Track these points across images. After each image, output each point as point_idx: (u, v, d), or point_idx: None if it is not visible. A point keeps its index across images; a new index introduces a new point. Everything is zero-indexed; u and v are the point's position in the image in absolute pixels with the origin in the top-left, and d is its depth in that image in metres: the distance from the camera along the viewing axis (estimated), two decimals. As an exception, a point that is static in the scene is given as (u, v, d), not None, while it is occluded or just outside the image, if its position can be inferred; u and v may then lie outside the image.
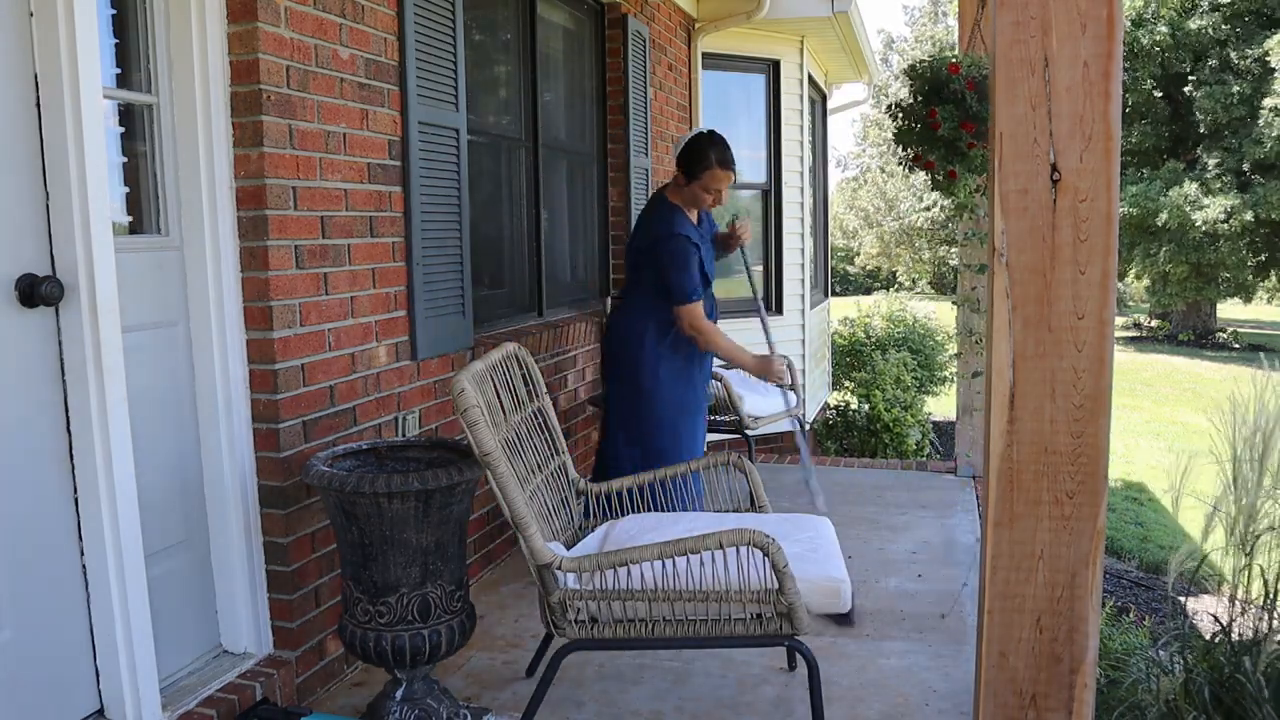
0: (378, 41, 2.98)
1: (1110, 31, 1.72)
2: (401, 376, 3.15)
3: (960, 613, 3.31)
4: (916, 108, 3.32)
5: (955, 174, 3.29)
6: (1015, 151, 1.77)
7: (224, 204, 2.52)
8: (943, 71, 3.25)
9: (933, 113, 3.21)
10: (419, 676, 2.45)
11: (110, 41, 2.38)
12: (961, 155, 3.27)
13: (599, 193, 5.26)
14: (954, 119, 3.19)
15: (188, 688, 2.46)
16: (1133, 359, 16.82)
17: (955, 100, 3.21)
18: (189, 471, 2.55)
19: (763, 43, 6.90)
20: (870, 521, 4.40)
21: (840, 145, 60.49)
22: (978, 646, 1.94)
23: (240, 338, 2.57)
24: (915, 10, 31.55)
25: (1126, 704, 2.43)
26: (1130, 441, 10.30)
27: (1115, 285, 1.78)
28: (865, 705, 2.69)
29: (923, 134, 3.30)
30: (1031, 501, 1.83)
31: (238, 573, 2.60)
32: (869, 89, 10.20)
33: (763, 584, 2.27)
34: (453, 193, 3.40)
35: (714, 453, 3.03)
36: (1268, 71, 16.25)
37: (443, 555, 2.38)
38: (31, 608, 2.08)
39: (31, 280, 2.05)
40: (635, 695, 2.75)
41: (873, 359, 8.28)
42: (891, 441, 7.76)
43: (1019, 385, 1.81)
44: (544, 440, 2.83)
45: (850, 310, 10.41)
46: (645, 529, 2.61)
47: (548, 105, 4.69)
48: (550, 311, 4.60)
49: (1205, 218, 16.64)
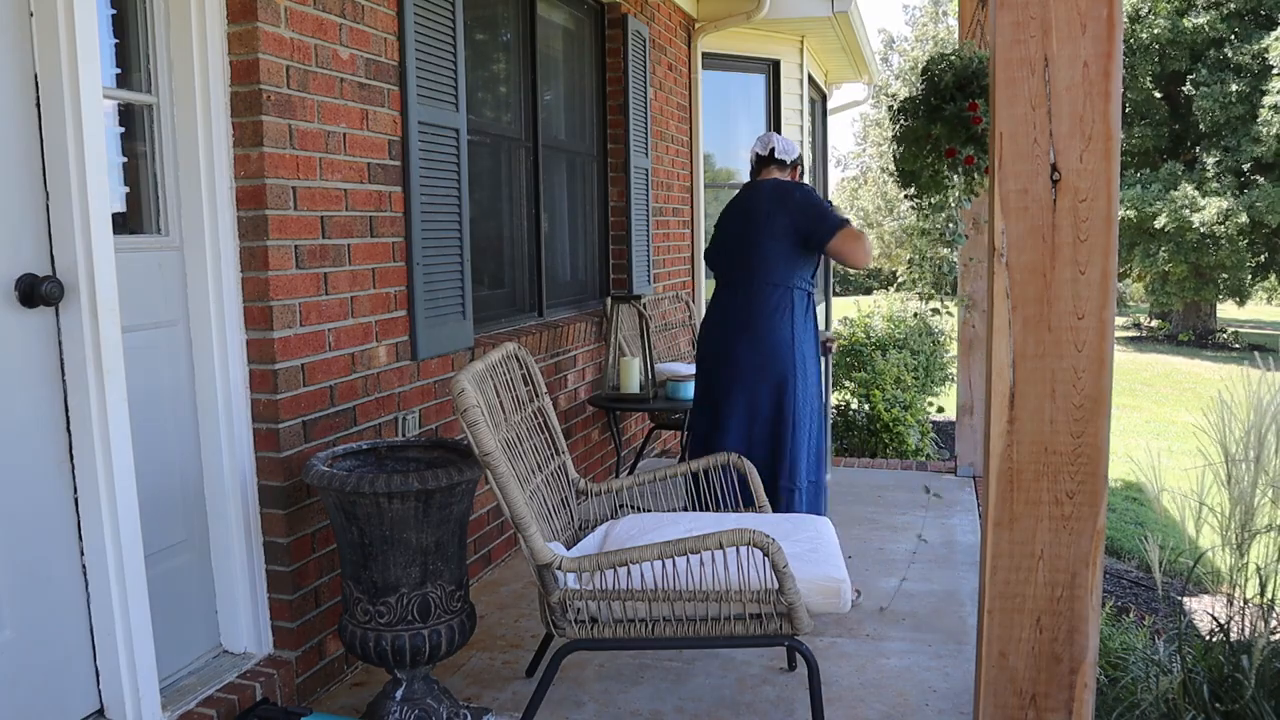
0: (378, 41, 2.98)
1: (1110, 32, 1.72)
2: (401, 376, 3.15)
3: (959, 613, 3.31)
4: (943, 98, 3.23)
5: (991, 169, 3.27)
6: (1015, 151, 1.77)
7: (224, 204, 2.52)
8: (974, 64, 3.21)
9: (974, 105, 3.15)
10: (419, 676, 2.45)
11: (110, 41, 2.38)
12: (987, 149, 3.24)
13: (599, 193, 5.26)
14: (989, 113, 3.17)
15: (188, 688, 2.46)
16: (1133, 359, 16.82)
17: (986, 94, 3.18)
18: (189, 471, 2.55)
19: (763, 43, 6.91)
20: (870, 521, 4.40)
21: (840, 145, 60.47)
22: (978, 646, 1.94)
23: (240, 338, 2.57)
24: (915, 10, 31.56)
25: (1126, 704, 2.43)
26: (1130, 441, 10.30)
27: (1115, 285, 1.78)
28: (865, 705, 2.69)
29: (953, 126, 3.23)
30: (1031, 501, 1.83)
31: (238, 573, 2.60)
32: (869, 89, 10.21)
33: (763, 584, 2.27)
34: (453, 193, 3.40)
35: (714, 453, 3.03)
36: (1266, 69, 16.24)
37: (443, 555, 2.38)
38: (32, 608, 2.08)
39: (31, 280, 2.05)
40: (635, 695, 2.75)
41: (873, 359, 8.27)
42: (891, 441, 7.76)
43: (1019, 385, 1.81)
44: (544, 440, 2.83)
45: (850, 310, 10.41)
46: (645, 529, 2.61)
47: (548, 105, 4.69)
48: (550, 311, 4.60)
49: (1203, 219, 16.64)
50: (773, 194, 3.43)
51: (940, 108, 3.25)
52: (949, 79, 3.25)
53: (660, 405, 4.41)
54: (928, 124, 3.30)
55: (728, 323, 3.45)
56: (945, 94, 3.25)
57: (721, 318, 3.48)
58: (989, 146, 1.98)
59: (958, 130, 3.24)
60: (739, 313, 3.42)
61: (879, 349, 8.48)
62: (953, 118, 3.22)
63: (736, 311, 3.43)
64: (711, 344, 3.50)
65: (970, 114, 3.17)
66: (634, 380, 4.44)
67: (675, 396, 4.33)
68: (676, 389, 4.34)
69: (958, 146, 3.24)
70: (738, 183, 6.76)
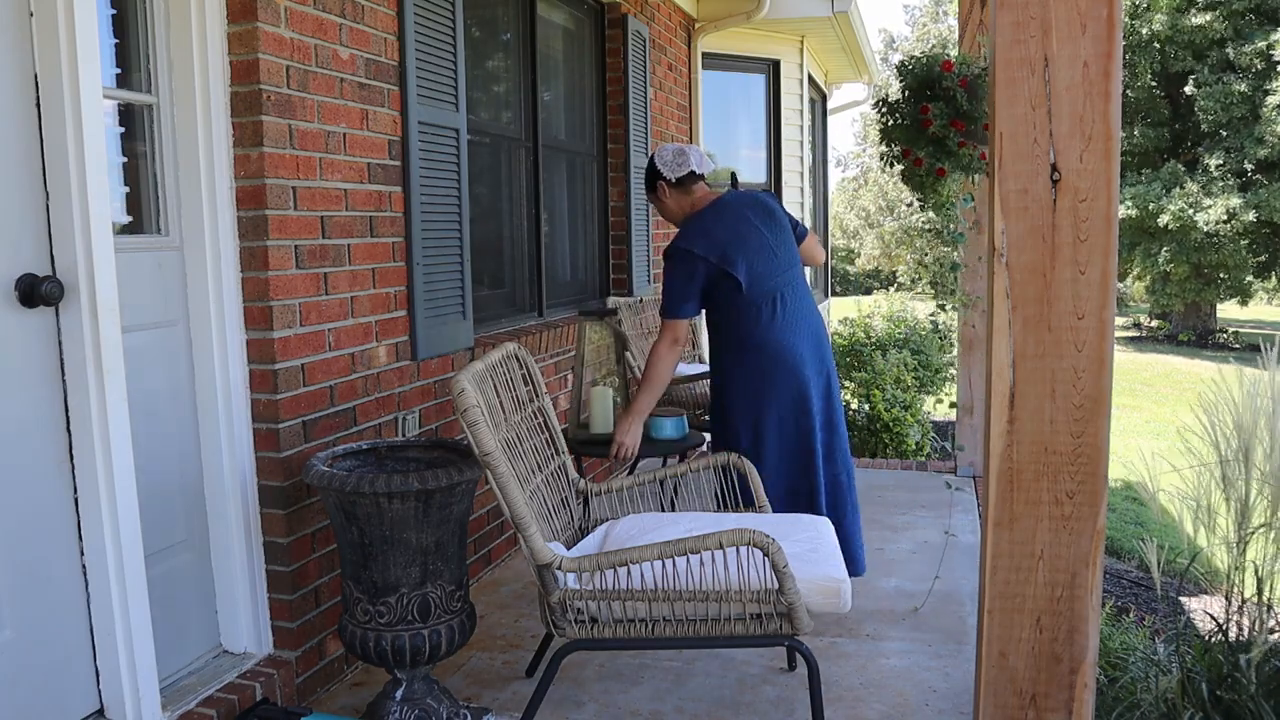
0: (378, 41, 2.98)
1: (1110, 31, 1.72)
2: (401, 376, 3.16)
3: (959, 613, 3.31)
4: (905, 103, 3.32)
5: (944, 171, 3.30)
6: (1015, 151, 1.77)
7: (224, 204, 2.52)
8: (934, 69, 3.26)
9: (924, 109, 3.21)
10: (419, 676, 2.45)
11: (110, 41, 2.38)
12: (950, 153, 3.27)
13: (599, 192, 5.27)
14: (944, 116, 3.20)
15: (188, 688, 2.46)
16: (1133, 359, 16.82)
17: (946, 98, 3.22)
18: (189, 471, 2.55)
19: (763, 43, 6.91)
20: (870, 521, 4.40)
21: (840, 145, 60.53)
22: (978, 646, 1.94)
23: (240, 338, 2.57)
24: (916, 10, 31.57)
25: (1125, 703, 2.43)
26: (1130, 441, 10.30)
27: (1115, 285, 1.78)
28: (865, 705, 2.69)
29: (911, 130, 3.30)
30: (1031, 501, 1.83)
31: (238, 573, 2.60)
32: (869, 89, 10.21)
33: (763, 584, 2.27)
34: (453, 193, 3.40)
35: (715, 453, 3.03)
36: (1270, 66, 16.17)
37: (443, 555, 2.38)
38: (32, 608, 2.08)
39: (31, 280, 2.05)
40: (635, 695, 2.75)
41: (873, 359, 8.28)
42: (891, 441, 7.76)
43: (1019, 385, 1.81)
44: (544, 440, 2.83)
45: (850, 310, 10.42)
46: (645, 529, 2.61)
47: (548, 105, 4.69)
48: (550, 311, 4.60)
49: (1206, 219, 16.62)
50: (767, 197, 3.28)
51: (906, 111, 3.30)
52: (910, 82, 3.29)
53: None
54: (894, 127, 3.36)
55: (799, 349, 3.09)
56: (910, 98, 3.30)
57: (782, 349, 3.07)
58: (989, 147, 1.98)
59: (916, 134, 3.28)
60: (809, 334, 3.13)
61: (879, 349, 8.48)
62: (911, 121, 3.27)
63: (805, 333, 3.12)
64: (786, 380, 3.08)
65: (922, 117, 3.21)
66: (606, 417, 3.44)
67: (658, 437, 3.49)
68: (660, 427, 3.48)
69: (914, 149, 3.29)
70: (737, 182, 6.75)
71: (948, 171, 3.30)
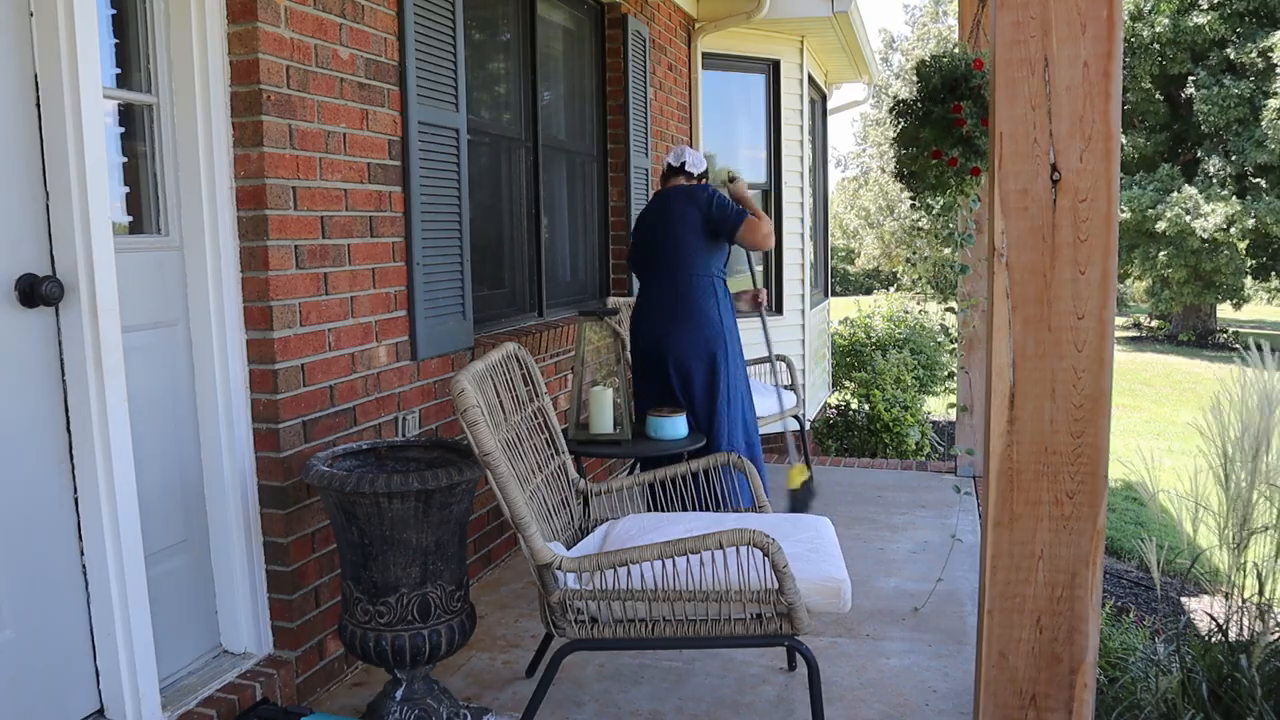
0: (378, 41, 2.98)
1: (1110, 31, 1.72)
2: (401, 376, 3.16)
3: (959, 613, 3.31)
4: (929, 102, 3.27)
5: (979, 170, 3.28)
6: (1015, 151, 1.77)
7: (224, 204, 2.52)
8: (962, 66, 3.23)
9: (957, 108, 3.18)
10: (419, 676, 2.45)
11: (110, 41, 2.38)
12: (980, 152, 3.25)
13: (599, 192, 5.26)
14: (975, 115, 3.18)
15: (188, 687, 2.46)
16: (1133, 359, 16.82)
17: (975, 96, 3.19)
18: (189, 471, 2.55)
19: (763, 43, 6.90)
20: (870, 521, 4.40)
21: (840, 145, 60.54)
22: (978, 646, 1.94)
23: (240, 338, 2.57)
24: (916, 9, 31.56)
25: (1125, 703, 2.43)
26: (1130, 441, 10.29)
27: (1115, 285, 1.78)
28: (865, 705, 2.69)
29: (941, 129, 3.27)
30: (1031, 501, 1.83)
31: (238, 573, 2.60)
32: (869, 89, 10.20)
33: (763, 584, 2.27)
34: (453, 193, 3.40)
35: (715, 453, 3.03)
36: (1270, 68, 16.15)
37: (443, 555, 2.38)
38: (32, 608, 2.08)
39: (31, 280, 2.05)
40: (635, 695, 2.75)
41: (873, 359, 8.28)
42: (891, 441, 7.77)
43: (1019, 385, 1.81)
44: (544, 440, 2.83)
45: (850, 310, 10.42)
46: (645, 529, 2.61)
47: (548, 105, 4.69)
48: (550, 311, 4.60)
49: (1205, 225, 16.58)
50: (682, 195, 3.86)
51: (929, 110, 3.28)
52: (936, 81, 3.27)
53: (636, 451, 3.53)
54: (919, 126, 3.33)
55: (660, 311, 3.81)
56: (934, 96, 3.27)
57: (652, 309, 3.84)
58: (989, 147, 1.98)
59: (944, 132, 3.26)
60: (670, 302, 3.80)
61: (879, 349, 8.48)
62: (939, 120, 3.25)
63: (668, 301, 3.81)
64: (646, 331, 3.85)
65: (954, 116, 3.20)
66: (606, 417, 3.50)
67: (658, 436, 3.53)
68: (659, 427, 3.54)
69: (944, 149, 3.27)
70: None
71: (982, 170, 3.28)
